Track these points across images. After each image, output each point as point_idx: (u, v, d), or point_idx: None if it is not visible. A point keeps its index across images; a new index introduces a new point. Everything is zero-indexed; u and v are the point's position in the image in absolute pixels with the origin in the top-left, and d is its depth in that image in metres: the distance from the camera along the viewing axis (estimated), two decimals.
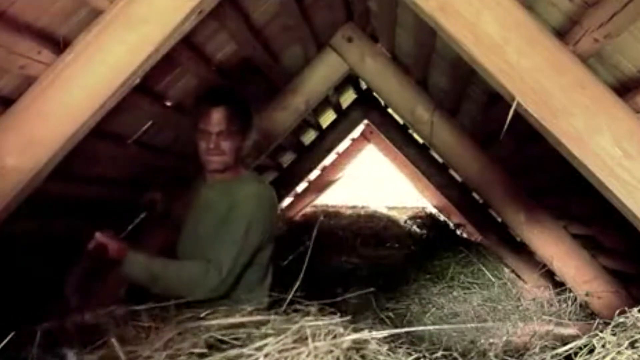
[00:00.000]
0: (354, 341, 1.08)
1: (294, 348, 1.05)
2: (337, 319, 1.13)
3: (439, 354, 1.20)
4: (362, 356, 1.08)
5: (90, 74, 1.52)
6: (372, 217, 7.21)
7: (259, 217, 1.93)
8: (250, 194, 1.96)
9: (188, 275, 1.85)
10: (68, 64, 1.53)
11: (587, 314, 2.98)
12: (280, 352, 1.05)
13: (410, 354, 1.15)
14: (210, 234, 1.93)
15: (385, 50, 3.22)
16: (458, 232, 5.32)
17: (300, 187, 7.03)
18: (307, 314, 1.20)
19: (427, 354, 1.21)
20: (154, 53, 1.55)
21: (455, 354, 1.22)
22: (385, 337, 1.14)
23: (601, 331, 1.31)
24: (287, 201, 6.82)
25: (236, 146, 1.98)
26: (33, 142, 1.52)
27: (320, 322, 1.11)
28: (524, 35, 1.44)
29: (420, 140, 4.65)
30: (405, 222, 6.83)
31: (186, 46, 2.14)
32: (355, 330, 1.11)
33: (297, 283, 1.37)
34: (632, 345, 1.24)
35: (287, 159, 5.60)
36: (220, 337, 1.18)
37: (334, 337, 1.08)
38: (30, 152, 1.52)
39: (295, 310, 1.27)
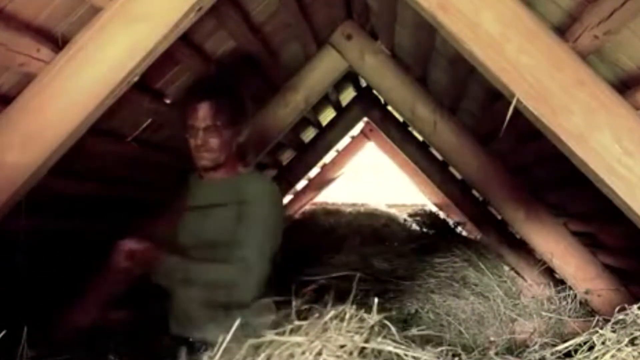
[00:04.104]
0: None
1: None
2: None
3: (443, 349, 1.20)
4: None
5: (89, 71, 1.52)
6: (372, 215, 7.20)
7: (274, 216, 1.91)
8: (260, 192, 1.92)
9: (228, 277, 1.81)
10: (67, 61, 1.53)
11: (587, 311, 2.98)
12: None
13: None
14: (225, 236, 1.87)
15: (384, 48, 3.21)
16: (458, 229, 5.32)
17: (300, 185, 7.03)
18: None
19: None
20: (153, 50, 1.55)
21: (459, 350, 1.22)
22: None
23: (601, 328, 1.31)
24: (286, 199, 6.82)
25: (226, 142, 1.89)
26: (33, 139, 1.52)
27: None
28: (523, 33, 1.44)
29: (420, 138, 4.65)
30: (405, 220, 6.82)
31: (185, 44, 2.14)
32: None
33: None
34: (632, 342, 1.24)
35: (286, 156, 5.60)
36: None
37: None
38: (29, 149, 1.52)
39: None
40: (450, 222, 5.62)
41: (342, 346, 1.04)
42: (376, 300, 1.16)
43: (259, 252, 1.82)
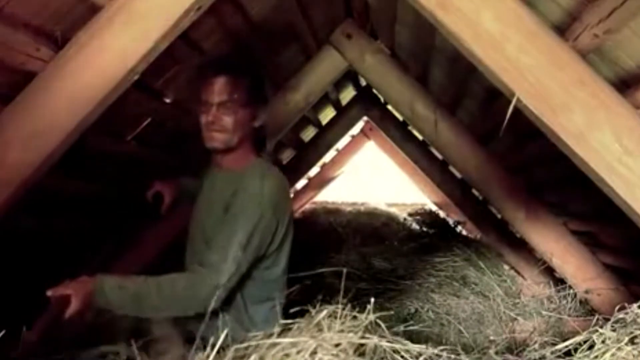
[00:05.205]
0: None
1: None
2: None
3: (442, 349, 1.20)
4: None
5: (89, 70, 1.52)
6: (372, 214, 7.20)
7: (254, 217, 1.69)
8: (256, 190, 1.72)
9: (171, 289, 1.63)
10: (67, 60, 1.53)
11: (587, 310, 2.99)
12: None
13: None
14: (213, 231, 1.74)
15: (384, 47, 3.21)
16: (458, 229, 5.32)
17: (300, 184, 7.03)
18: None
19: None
20: (153, 49, 1.55)
21: (458, 349, 1.22)
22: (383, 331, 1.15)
23: (601, 327, 1.31)
24: None
25: (240, 122, 1.76)
26: (33, 138, 1.52)
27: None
28: (523, 32, 1.44)
29: (420, 137, 4.65)
30: (405, 219, 6.82)
31: (184, 43, 2.13)
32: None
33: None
34: (631, 341, 1.24)
35: (286, 155, 5.60)
36: None
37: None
38: (30, 147, 1.52)
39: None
40: (450, 221, 5.62)
41: (337, 345, 1.04)
42: (372, 299, 1.16)
43: (222, 255, 1.64)
